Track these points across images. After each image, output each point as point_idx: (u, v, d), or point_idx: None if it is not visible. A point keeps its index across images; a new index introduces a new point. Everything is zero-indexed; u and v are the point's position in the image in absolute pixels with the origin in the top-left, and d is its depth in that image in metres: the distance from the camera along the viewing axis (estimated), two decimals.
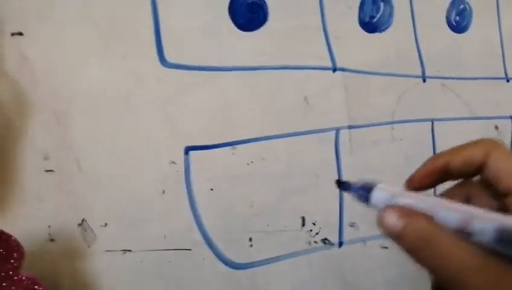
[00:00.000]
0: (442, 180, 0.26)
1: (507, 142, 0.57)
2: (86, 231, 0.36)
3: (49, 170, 0.35)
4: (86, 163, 0.36)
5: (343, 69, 0.48)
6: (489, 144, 0.25)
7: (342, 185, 0.28)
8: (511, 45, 0.58)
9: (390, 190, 0.25)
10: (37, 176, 0.35)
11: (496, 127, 0.56)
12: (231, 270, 0.41)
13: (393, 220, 0.23)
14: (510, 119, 0.57)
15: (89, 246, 0.36)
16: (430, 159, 0.27)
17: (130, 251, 0.37)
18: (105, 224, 0.37)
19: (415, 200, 0.23)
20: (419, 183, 0.26)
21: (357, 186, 0.27)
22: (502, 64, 0.58)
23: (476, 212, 0.22)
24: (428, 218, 0.22)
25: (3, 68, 0.34)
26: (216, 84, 0.42)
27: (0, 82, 0.34)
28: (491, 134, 0.56)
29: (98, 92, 0.37)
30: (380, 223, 0.24)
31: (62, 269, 0.35)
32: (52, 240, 0.35)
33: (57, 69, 0.36)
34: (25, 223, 0.34)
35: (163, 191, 0.39)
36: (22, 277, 0.30)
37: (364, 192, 0.26)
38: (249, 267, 0.41)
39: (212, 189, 0.41)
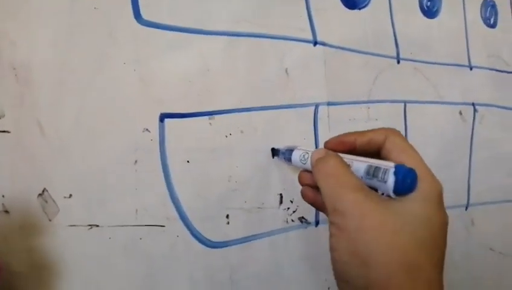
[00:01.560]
0: (349, 152, 0.33)
1: (469, 127, 0.58)
2: (46, 202, 0.31)
3: (4, 131, 0.30)
4: (49, 125, 0.32)
5: (323, 44, 0.46)
6: (389, 131, 0.33)
7: (274, 151, 0.41)
8: (475, 34, 0.60)
9: (305, 149, 0.36)
10: None
11: (460, 113, 0.58)
12: (207, 249, 0.38)
13: (319, 151, 0.34)
14: (472, 106, 0.59)
15: (50, 220, 0.31)
16: (345, 134, 0.35)
17: (96, 225, 0.33)
18: (70, 195, 0.32)
19: None
20: (331, 147, 0.34)
21: (283, 150, 0.39)
22: (466, 52, 0.59)
23: (355, 157, 0.32)
24: (336, 155, 0.32)
25: None
26: (194, 47, 0.38)
27: None
28: (455, 118, 0.57)
29: (64, 45, 0.33)
30: (311, 158, 0.34)
31: (17, 245, 0.30)
32: (6, 211, 0.30)
33: (16, 15, 0.31)
34: None
35: (136, 161, 0.35)
36: None
37: (288, 154, 0.38)
38: (225, 246, 0.39)
39: (188, 161, 0.37)
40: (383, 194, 0.29)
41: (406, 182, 0.28)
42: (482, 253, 0.59)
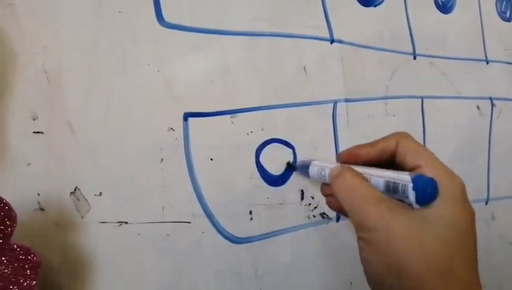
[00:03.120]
0: (363, 163, 0.34)
1: (487, 122, 0.58)
2: (79, 200, 0.32)
3: (38, 132, 0.32)
4: (79, 126, 0.33)
5: (340, 41, 0.47)
6: (399, 136, 0.33)
7: (290, 166, 0.42)
8: (490, 28, 0.60)
9: (320, 164, 0.37)
10: (24, 137, 0.31)
11: (478, 107, 0.58)
12: (231, 244, 0.39)
13: (335, 168, 0.34)
14: (490, 100, 0.59)
15: (82, 217, 0.33)
16: (357, 146, 0.35)
17: (126, 222, 0.34)
18: (100, 193, 0.33)
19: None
20: (345, 160, 0.35)
21: (300, 166, 0.40)
22: (483, 47, 0.59)
23: (372, 172, 0.32)
24: (352, 169, 0.32)
25: None
26: (215, 47, 0.39)
27: None
28: (473, 113, 0.57)
29: (91, 48, 0.34)
30: (329, 175, 0.34)
31: (52, 241, 0.32)
32: (41, 209, 0.31)
33: (47, 21, 0.32)
34: (11, 190, 0.30)
35: (162, 160, 0.36)
36: (13, 245, 0.26)
37: (305, 170, 0.39)
38: (249, 242, 0.40)
39: (211, 159, 0.38)
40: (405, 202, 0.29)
41: (427, 192, 0.28)
42: (503, 247, 0.58)
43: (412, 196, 0.28)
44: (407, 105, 0.51)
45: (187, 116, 0.37)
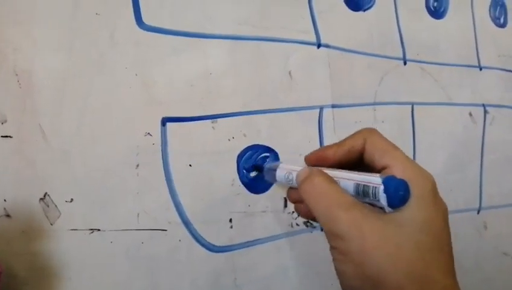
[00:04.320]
0: (332, 165, 0.32)
1: (480, 129, 0.57)
2: (48, 206, 0.31)
3: (6, 136, 0.31)
4: (50, 129, 0.32)
5: (327, 46, 0.46)
6: (366, 133, 0.31)
7: (256, 168, 0.40)
8: (484, 34, 0.59)
9: (288, 167, 0.35)
10: None
11: (470, 114, 0.57)
12: (209, 253, 0.37)
13: (302, 171, 0.31)
14: (482, 107, 0.58)
15: (51, 224, 0.32)
16: (323, 147, 0.36)
17: (98, 230, 0.33)
18: (71, 199, 0.32)
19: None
20: (313, 163, 0.33)
21: (266, 170, 0.38)
22: (476, 52, 0.58)
23: (341, 174, 0.29)
24: (320, 172, 0.30)
25: None
26: (197, 51, 0.38)
27: None
28: (466, 120, 0.56)
29: (65, 50, 0.33)
30: (296, 179, 0.32)
31: (18, 249, 0.31)
32: (8, 215, 0.30)
33: (19, 21, 0.32)
34: None
35: (137, 165, 0.35)
36: None
37: (271, 174, 0.37)
38: (229, 250, 0.38)
39: (190, 165, 0.37)
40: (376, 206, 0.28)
41: (398, 195, 0.26)
42: (496, 258, 0.57)
43: (383, 199, 0.26)
44: (397, 111, 0.50)
45: (165, 120, 0.36)
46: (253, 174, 0.40)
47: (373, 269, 0.25)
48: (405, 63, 0.52)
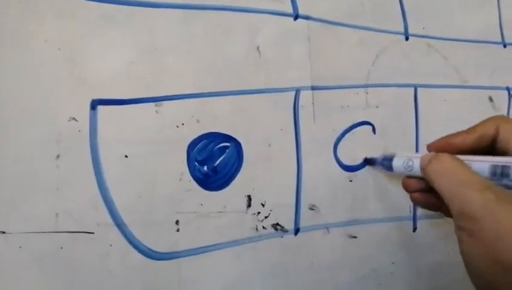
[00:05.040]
0: (456, 153, 0.30)
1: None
2: None
3: None
4: None
5: (307, 17, 0.39)
6: (499, 120, 0.31)
7: (368, 161, 0.39)
8: (510, 4, 0.50)
9: (407, 155, 0.34)
10: None
11: (490, 99, 0.48)
12: (149, 260, 0.32)
13: (428, 155, 0.31)
14: (506, 91, 0.49)
15: None
16: (450, 135, 0.33)
17: (3, 232, 0.28)
18: None
19: None
20: (436, 150, 0.32)
21: (380, 160, 0.38)
22: (499, 26, 0.49)
23: (472, 158, 0.29)
24: (449, 154, 0.29)
25: None
26: (138, 22, 0.32)
27: None
28: (484, 106, 0.47)
29: None
30: (421, 162, 0.31)
31: None
32: None
33: None
34: None
35: (58, 156, 0.29)
36: None
37: (387, 163, 0.36)
38: (174, 258, 0.32)
39: (126, 156, 0.31)
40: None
41: None
42: None
43: None
44: (395, 95, 0.43)
45: (95, 103, 0.31)
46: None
47: (505, 254, 0.24)
48: (407, 38, 0.44)
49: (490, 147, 0.31)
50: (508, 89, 0.49)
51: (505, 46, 0.49)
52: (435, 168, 0.29)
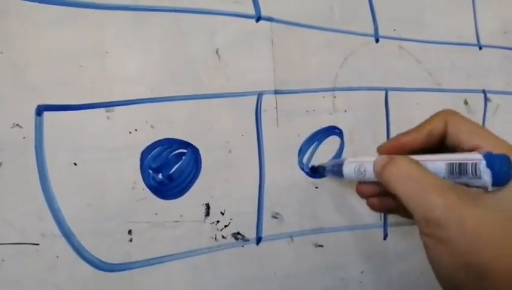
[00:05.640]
0: (408, 152, 0.29)
1: (479, 119, 0.47)
2: None
3: None
4: None
5: (270, 19, 0.37)
6: (446, 115, 0.30)
7: (314, 169, 0.37)
8: (486, 3, 0.49)
9: (357, 160, 0.32)
10: None
11: (466, 102, 0.47)
12: (99, 272, 0.30)
13: (381, 158, 0.29)
14: (482, 94, 0.48)
15: None
16: (398, 135, 0.32)
17: None
18: None
19: None
20: (388, 152, 0.31)
21: (330, 167, 0.35)
22: (474, 28, 0.48)
23: (426, 157, 0.28)
24: (403, 156, 0.28)
25: None
26: (88, 24, 0.31)
27: None
28: (459, 109, 0.46)
29: None
30: (374, 168, 0.30)
31: None
32: None
33: None
34: None
35: (0, 164, 0.28)
36: None
37: (337, 169, 0.34)
38: (126, 269, 0.31)
39: (75, 164, 0.30)
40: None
41: (503, 171, 0.24)
42: None
43: (486, 175, 0.24)
44: (365, 99, 0.41)
45: (41, 109, 0.29)
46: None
47: (476, 257, 0.23)
48: (377, 40, 0.43)
49: (440, 144, 0.30)
50: (484, 92, 0.48)
51: (480, 48, 0.48)
52: (392, 174, 0.27)
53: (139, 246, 0.32)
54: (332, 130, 0.39)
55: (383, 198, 0.33)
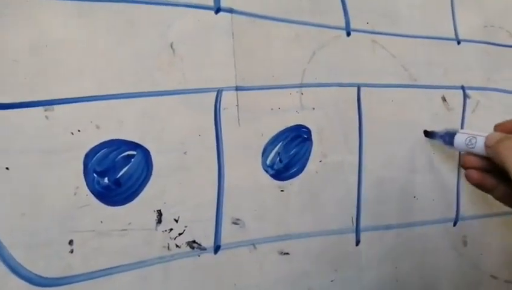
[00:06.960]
0: None
1: (457, 117, 0.45)
2: None
3: None
4: None
5: (230, 10, 0.35)
6: None
7: (427, 133, 0.41)
8: None
9: (470, 132, 0.35)
10: None
11: (444, 99, 0.44)
12: (35, 288, 0.27)
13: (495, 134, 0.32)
14: (461, 90, 0.45)
15: None
16: None
17: None
18: None
19: None
20: (505, 131, 0.32)
21: (442, 134, 0.39)
22: (452, 21, 0.46)
23: None
24: None
25: None
26: (22, 15, 0.28)
27: None
28: (437, 106, 0.44)
29: None
30: (486, 141, 0.33)
31: None
32: None
33: None
34: None
35: None
36: None
37: (448, 138, 0.37)
38: (66, 283, 0.28)
39: (7, 168, 0.27)
40: None
41: None
42: (479, 282, 0.45)
43: None
44: (335, 95, 0.39)
45: None
46: None
47: None
48: (348, 34, 0.40)
49: None
50: (463, 88, 0.45)
51: (458, 42, 0.46)
52: (505, 148, 0.30)
53: (82, 257, 0.29)
54: (300, 129, 0.37)
55: (484, 174, 0.34)
